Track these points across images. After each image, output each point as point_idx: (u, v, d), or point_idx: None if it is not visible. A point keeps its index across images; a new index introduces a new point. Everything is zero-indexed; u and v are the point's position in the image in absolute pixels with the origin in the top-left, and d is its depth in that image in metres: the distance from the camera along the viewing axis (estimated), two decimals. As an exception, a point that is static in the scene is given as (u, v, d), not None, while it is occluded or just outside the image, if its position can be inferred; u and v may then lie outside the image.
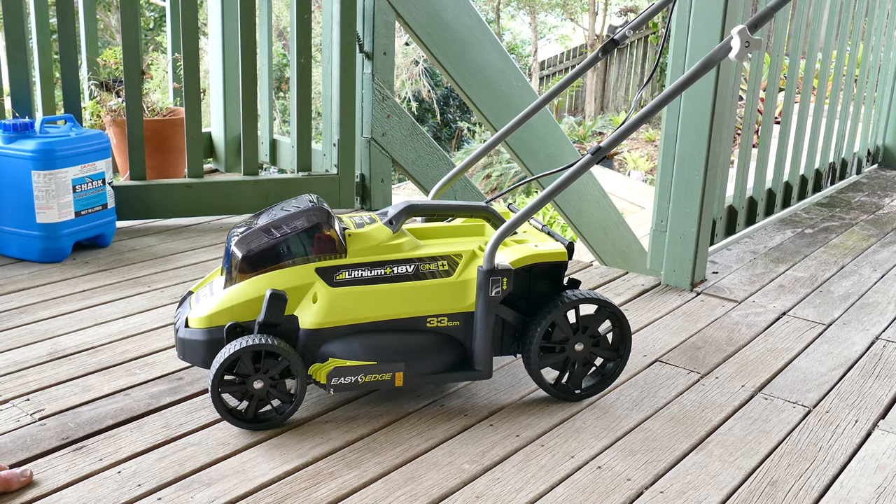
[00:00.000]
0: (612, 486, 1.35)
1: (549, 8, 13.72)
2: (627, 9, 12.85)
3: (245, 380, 1.43)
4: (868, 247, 2.74)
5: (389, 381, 1.48)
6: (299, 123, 2.83)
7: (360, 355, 1.45)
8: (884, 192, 3.56)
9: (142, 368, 1.68)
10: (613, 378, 1.63)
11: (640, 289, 2.26)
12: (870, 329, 2.04)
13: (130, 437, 1.42)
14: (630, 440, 1.49)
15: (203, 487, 1.30)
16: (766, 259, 2.59)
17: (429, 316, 1.48)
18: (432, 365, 1.50)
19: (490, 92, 3.01)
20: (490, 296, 1.47)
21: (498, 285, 1.47)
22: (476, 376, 1.53)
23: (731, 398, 1.66)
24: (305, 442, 1.44)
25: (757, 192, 2.95)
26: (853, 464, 1.44)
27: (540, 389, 1.61)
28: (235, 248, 1.48)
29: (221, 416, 1.44)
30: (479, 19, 2.95)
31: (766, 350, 1.90)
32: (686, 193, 2.23)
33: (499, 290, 1.47)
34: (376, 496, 1.30)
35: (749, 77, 2.78)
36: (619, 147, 10.06)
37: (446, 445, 1.45)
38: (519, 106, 3.01)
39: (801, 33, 3.00)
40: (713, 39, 2.12)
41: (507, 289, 1.48)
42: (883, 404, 1.66)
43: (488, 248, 1.47)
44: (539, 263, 1.54)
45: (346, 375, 1.45)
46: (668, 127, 2.23)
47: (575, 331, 1.56)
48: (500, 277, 1.46)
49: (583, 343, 1.57)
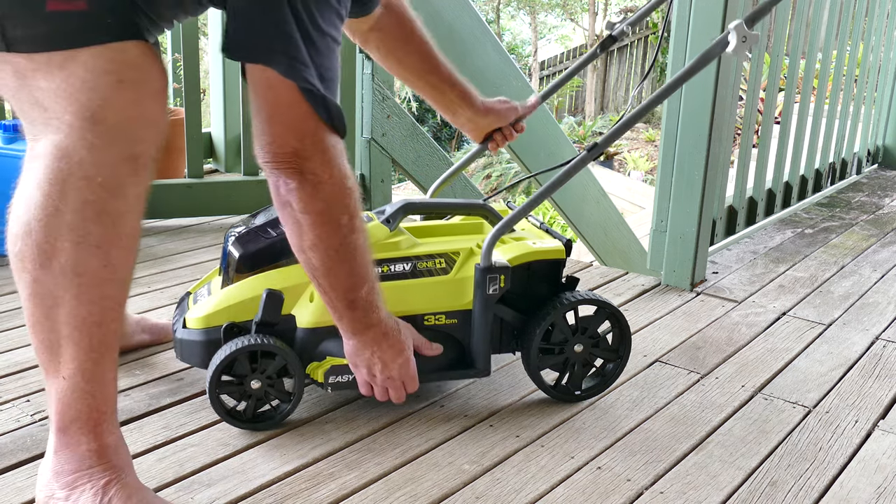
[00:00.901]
0: (612, 487, 1.35)
1: (549, 8, 13.73)
2: (627, 9, 12.86)
3: (243, 380, 1.43)
4: (868, 247, 2.74)
5: None
6: (299, 124, 2.83)
7: None
8: (884, 192, 3.56)
9: (142, 369, 1.68)
10: (613, 379, 1.63)
11: (640, 289, 2.26)
12: (870, 329, 2.04)
13: (130, 438, 1.42)
14: (630, 441, 1.49)
15: (203, 488, 1.30)
16: (766, 259, 2.59)
17: (426, 314, 1.48)
18: (430, 363, 1.50)
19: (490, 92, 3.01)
20: (487, 293, 1.47)
21: (495, 283, 1.46)
22: (475, 374, 1.53)
23: (731, 398, 1.66)
24: (305, 443, 1.44)
25: (757, 192, 2.95)
26: (853, 464, 1.44)
27: (539, 390, 1.61)
28: (232, 248, 1.48)
29: (220, 417, 1.44)
30: (479, 20, 2.94)
31: (766, 350, 1.90)
32: (686, 193, 2.23)
33: (496, 288, 1.47)
34: (376, 497, 1.30)
35: (749, 77, 2.78)
36: (619, 147, 10.06)
37: (446, 446, 1.45)
38: (519, 106, 3.00)
39: (801, 33, 3.00)
40: (713, 38, 2.11)
41: (505, 286, 1.47)
42: (883, 404, 1.66)
43: (485, 246, 1.47)
44: (537, 261, 1.54)
45: (344, 374, 1.45)
46: (668, 127, 2.23)
47: (574, 332, 1.56)
48: (497, 275, 1.46)
49: (582, 344, 1.57)
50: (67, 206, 1.05)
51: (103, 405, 1.16)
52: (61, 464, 1.17)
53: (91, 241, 1.08)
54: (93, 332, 1.12)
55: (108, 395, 1.17)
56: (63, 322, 1.11)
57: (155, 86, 1.08)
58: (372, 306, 1.33)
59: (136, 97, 1.06)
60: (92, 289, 1.10)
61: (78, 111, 1.04)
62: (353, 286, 1.29)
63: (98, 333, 1.12)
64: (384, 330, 1.36)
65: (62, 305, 1.10)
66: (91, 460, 1.16)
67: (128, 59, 1.06)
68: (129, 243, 1.12)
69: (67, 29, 1.03)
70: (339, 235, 1.24)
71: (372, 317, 1.34)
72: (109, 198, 1.07)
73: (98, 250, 1.08)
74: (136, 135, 1.07)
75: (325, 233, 1.23)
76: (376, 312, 1.34)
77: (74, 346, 1.12)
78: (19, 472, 1.32)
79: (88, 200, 1.06)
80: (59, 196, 1.05)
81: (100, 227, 1.08)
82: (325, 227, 1.22)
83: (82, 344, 1.12)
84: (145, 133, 1.08)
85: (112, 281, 1.11)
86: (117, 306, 1.14)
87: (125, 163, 1.07)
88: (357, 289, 1.30)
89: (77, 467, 1.16)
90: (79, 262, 1.08)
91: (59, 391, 1.15)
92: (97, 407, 1.16)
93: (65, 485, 1.16)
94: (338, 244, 1.24)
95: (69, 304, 1.10)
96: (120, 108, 1.05)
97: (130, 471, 1.20)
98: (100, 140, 1.05)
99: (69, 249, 1.07)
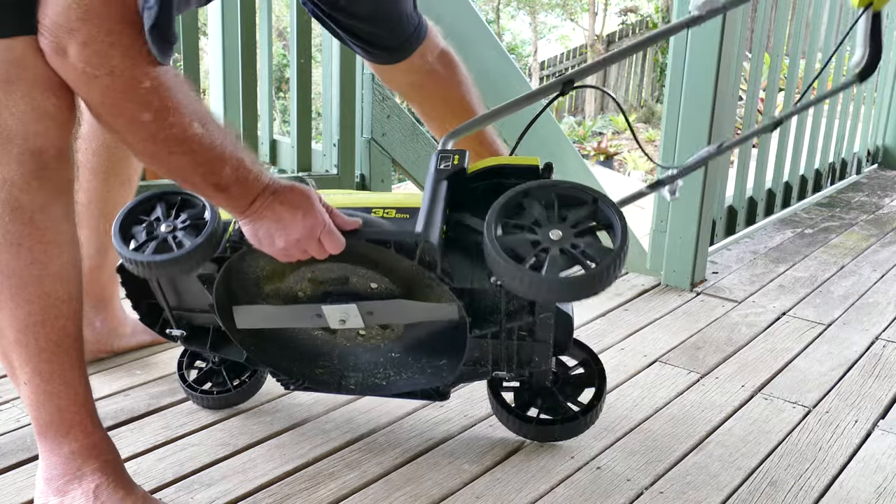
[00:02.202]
0: (612, 487, 1.35)
1: (549, 8, 13.73)
2: (627, 9, 12.86)
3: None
4: (868, 247, 2.74)
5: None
6: (299, 123, 2.83)
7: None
8: (884, 192, 3.56)
9: (142, 369, 1.68)
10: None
11: (640, 289, 2.26)
12: (870, 329, 2.04)
13: (130, 438, 1.42)
14: (630, 441, 1.49)
15: (203, 488, 1.30)
16: (766, 259, 2.59)
17: (374, 207, 1.30)
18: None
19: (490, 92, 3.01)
20: (439, 167, 1.30)
21: (448, 160, 1.31)
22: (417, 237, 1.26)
23: (731, 398, 1.66)
24: (305, 442, 1.44)
25: (757, 192, 2.96)
26: (853, 464, 1.44)
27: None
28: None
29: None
30: (479, 20, 2.94)
31: (766, 350, 1.90)
32: (686, 193, 2.23)
33: (448, 164, 1.30)
34: (376, 497, 1.30)
35: (749, 77, 2.78)
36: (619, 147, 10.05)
37: (446, 446, 1.45)
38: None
39: (801, 33, 3.00)
40: (713, 39, 2.12)
41: (460, 164, 1.30)
42: (883, 404, 1.66)
43: (441, 140, 1.35)
44: (508, 167, 1.34)
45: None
46: (668, 127, 2.23)
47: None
48: (450, 154, 1.31)
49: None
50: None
51: (73, 405, 1.15)
52: (50, 469, 1.16)
53: (11, 240, 1.06)
54: (38, 332, 1.10)
55: (75, 394, 1.15)
56: (6, 326, 1.09)
57: (44, 80, 1.04)
58: (246, 179, 1.14)
59: (25, 93, 1.04)
60: (25, 289, 1.08)
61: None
62: (210, 172, 1.12)
63: (44, 333, 1.10)
64: (273, 190, 1.17)
65: (1, 310, 1.08)
66: (77, 462, 1.15)
67: (14, 57, 1.03)
68: (55, 237, 1.09)
69: None
70: (147, 133, 1.08)
71: (251, 187, 1.15)
72: (20, 194, 1.05)
73: (20, 248, 1.07)
74: (33, 130, 1.05)
75: (132, 138, 1.09)
76: (256, 181, 1.15)
77: (22, 349, 1.10)
78: (19, 472, 1.32)
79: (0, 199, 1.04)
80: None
81: (16, 225, 1.06)
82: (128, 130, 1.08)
83: (30, 346, 1.10)
84: (42, 128, 1.05)
85: (44, 277, 1.09)
86: (61, 303, 1.11)
87: (28, 158, 1.05)
88: (216, 173, 1.12)
89: (64, 471, 1.15)
90: (4, 262, 1.06)
91: (25, 397, 1.14)
92: (67, 407, 1.14)
93: (56, 490, 1.15)
94: (153, 147, 1.09)
95: (7, 306, 1.08)
96: (10, 106, 1.03)
97: (121, 470, 1.19)
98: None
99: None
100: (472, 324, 1.30)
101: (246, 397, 1.56)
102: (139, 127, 1.06)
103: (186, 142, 1.08)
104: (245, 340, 1.42)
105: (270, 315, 1.39)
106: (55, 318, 1.11)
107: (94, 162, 1.55)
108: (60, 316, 1.12)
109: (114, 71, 1.01)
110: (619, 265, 1.13)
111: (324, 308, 1.33)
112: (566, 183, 1.24)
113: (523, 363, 1.36)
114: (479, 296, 1.30)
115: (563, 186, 1.23)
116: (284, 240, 1.18)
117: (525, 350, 1.35)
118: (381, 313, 1.34)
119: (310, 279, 1.34)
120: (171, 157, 1.08)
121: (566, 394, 1.45)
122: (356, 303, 1.32)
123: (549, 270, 1.11)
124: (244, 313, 1.39)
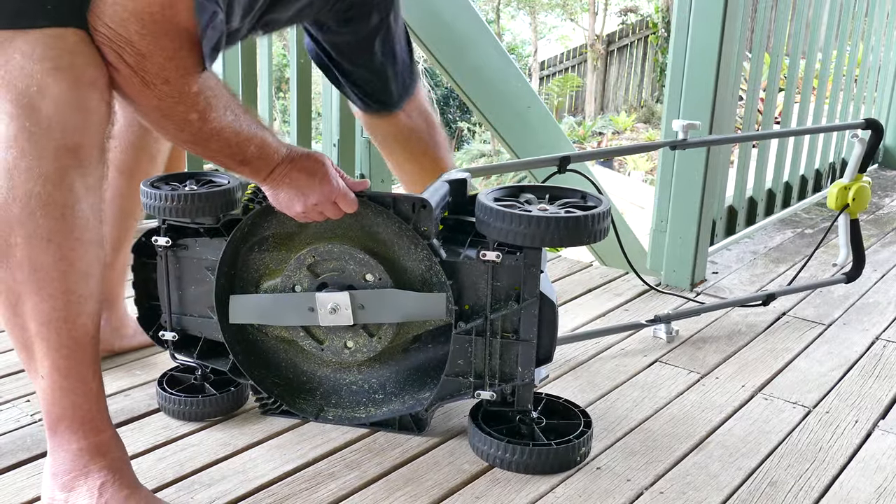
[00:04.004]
0: (612, 487, 1.35)
1: (549, 8, 13.73)
2: (627, 9, 12.86)
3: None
4: (868, 247, 2.74)
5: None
6: (299, 123, 2.83)
7: None
8: (884, 192, 3.56)
9: (142, 369, 1.68)
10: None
11: (640, 289, 2.26)
12: (870, 329, 2.04)
13: (130, 438, 1.42)
14: (630, 441, 1.49)
15: (203, 488, 1.30)
16: (766, 259, 2.59)
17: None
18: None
19: (490, 92, 3.01)
20: (441, 178, 1.47)
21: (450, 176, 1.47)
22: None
23: (731, 398, 1.66)
24: (305, 443, 1.44)
25: (757, 192, 2.96)
26: (853, 464, 1.44)
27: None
28: None
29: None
30: (478, 19, 2.94)
31: (766, 350, 1.90)
32: (686, 193, 2.23)
33: (450, 178, 1.46)
34: (376, 497, 1.30)
35: (749, 77, 2.78)
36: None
37: (446, 446, 1.45)
38: (519, 107, 3.01)
39: (801, 33, 3.00)
40: (713, 39, 2.12)
41: (462, 180, 1.45)
42: (883, 404, 1.66)
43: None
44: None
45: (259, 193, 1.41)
46: (668, 127, 2.23)
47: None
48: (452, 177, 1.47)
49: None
50: (15, 199, 1.04)
51: (86, 402, 1.15)
52: (57, 465, 1.16)
53: (41, 235, 1.06)
54: (60, 327, 1.10)
55: (89, 391, 1.16)
56: (30, 319, 1.10)
57: (92, 73, 1.06)
58: (267, 153, 1.25)
59: (71, 85, 1.04)
60: (51, 283, 1.08)
61: (16, 99, 1.02)
62: (238, 152, 1.22)
63: (66, 329, 1.11)
64: (290, 158, 1.27)
65: (26, 302, 1.09)
66: (85, 459, 1.16)
67: (65, 46, 1.03)
68: (84, 235, 1.09)
69: (4, 11, 1.02)
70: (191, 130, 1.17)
71: (272, 158, 1.25)
72: (54, 189, 1.05)
73: (49, 244, 1.07)
74: (73, 123, 1.05)
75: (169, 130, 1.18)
76: (275, 153, 1.26)
77: (44, 343, 1.11)
78: (19, 472, 1.32)
79: (33, 192, 1.04)
80: (7, 188, 1.04)
81: (48, 220, 1.06)
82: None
83: (51, 340, 1.10)
84: (82, 121, 1.06)
85: (70, 274, 1.09)
86: (83, 300, 1.12)
87: (65, 153, 1.05)
88: (243, 152, 1.22)
89: (72, 467, 1.16)
90: (32, 256, 1.06)
91: (41, 390, 1.15)
92: (80, 404, 1.15)
93: (62, 486, 1.15)
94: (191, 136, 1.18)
95: (32, 299, 1.08)
96: (55, 96, 1.03)
97: (128, 469, 1.20)
98: (37, 129, 1.03)
99: (22, 244, 1.06)
100: (458, 315, 1.37)
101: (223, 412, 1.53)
102: (187, 125, 1.14)
103: (223, 131, 1.18)
104: (234, 346, 1.46)
105: (265, 307, 1.44)
106: (77, 316, 1.12)
107: (121, 159, 1.58)
108: (82, 313, 1.12)
109: (168, 80, 1.09)
110: (604, 216, 1.30)
111: (317, 296, 1.40)
112: (561, 186, 1.42)
113: (506, 376, 1.39)
114: (466, 277, 1.37)
115: (557, 188, 1.40)
116: (303, 204, 1.30)
117: (509, 355, 1.38)
118: (372, 308, 1.39)
119: (309, 266, 1.41)
120: (209, 144, 1.18)
121: (545, 428, 1.42)
122: (349, 292, 1.39)
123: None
124: (240, 304, 1.44)
